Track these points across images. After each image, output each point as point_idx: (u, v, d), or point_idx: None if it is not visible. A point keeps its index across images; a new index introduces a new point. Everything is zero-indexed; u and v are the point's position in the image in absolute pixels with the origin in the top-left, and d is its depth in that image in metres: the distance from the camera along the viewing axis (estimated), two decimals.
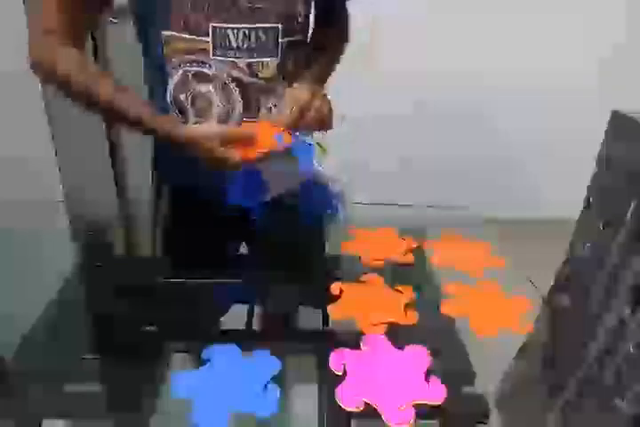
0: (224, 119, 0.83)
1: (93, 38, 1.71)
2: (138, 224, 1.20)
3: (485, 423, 0.67)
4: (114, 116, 0.84)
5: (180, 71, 0.80)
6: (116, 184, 2.00)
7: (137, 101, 0.78)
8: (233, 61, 0.79)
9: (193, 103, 0.82)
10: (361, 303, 0.82)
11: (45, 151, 1.83)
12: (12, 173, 1.71)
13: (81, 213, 1.22)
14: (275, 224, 0.90)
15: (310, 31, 0.88)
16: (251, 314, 0.86)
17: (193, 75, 0.80)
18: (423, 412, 0.63)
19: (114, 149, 1.96)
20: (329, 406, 0.65)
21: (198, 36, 0.76)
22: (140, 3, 0.78)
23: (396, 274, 0.91)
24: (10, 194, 1.61)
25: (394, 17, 1.87)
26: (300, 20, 0.81)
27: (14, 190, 1.58)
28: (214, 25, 0.76)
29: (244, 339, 0.77)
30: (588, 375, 0.77)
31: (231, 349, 0.72)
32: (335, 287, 0.85)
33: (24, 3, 1.51)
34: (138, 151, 0.98)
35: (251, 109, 0.83)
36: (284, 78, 0.83)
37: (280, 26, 0.78)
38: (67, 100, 0.81)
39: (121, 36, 0.85)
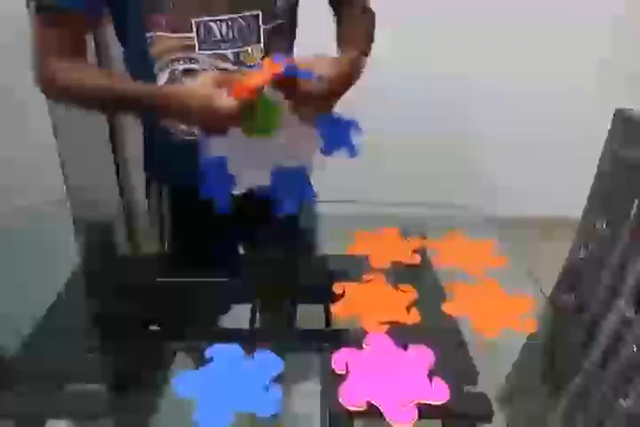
0: None
1: (94, 37, 1.71)
2: (140, 224, 1.20)
3: (490, 422, 0.67)
4: (115, 103, 0.81)
5: (168, 70, 0.80)
6: (119, 184, 2.00)
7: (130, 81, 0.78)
8: (220, 53, 0.79)
9: None
10: (364, 303, 0.82)
11: (48, 151, 1.83)
12: (13, 173, 1.71)
13: (83, 213, 1.22)
14: (271, 222, 0.89)
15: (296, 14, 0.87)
16: (254, 313, 0.86)
17: (181, 71, 0.80)
18: (426, 411, 0.63)
19: (117, 149, 1.96)
20: (331, 406, 0.65)
21: (183, 33, 0.76)
22: (121, 5, 0.76)
23: (398, 274, 0.91)
24: (10, 194, 1.60)
25: (394, 16, 1.86)
26: (278, 3, 0.81)
27: (15, 190, 1.58)
28: (197, 20, 0.76)
29: (246, 338, 0.77)
30: (591, 375, 0.77)
31: (233, 348, 0.72)
32: (338, 287, 0.85)
33: (27, 4, 1.51)
34: (141, 151, 0.98)
35: None
36: None
37: (260, 12, 0.78)
38: (79, 109, 0.81)
39: None
